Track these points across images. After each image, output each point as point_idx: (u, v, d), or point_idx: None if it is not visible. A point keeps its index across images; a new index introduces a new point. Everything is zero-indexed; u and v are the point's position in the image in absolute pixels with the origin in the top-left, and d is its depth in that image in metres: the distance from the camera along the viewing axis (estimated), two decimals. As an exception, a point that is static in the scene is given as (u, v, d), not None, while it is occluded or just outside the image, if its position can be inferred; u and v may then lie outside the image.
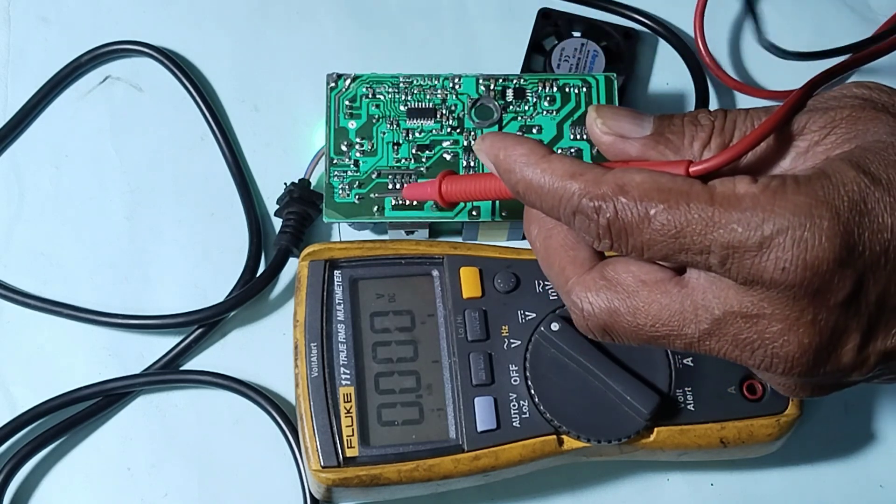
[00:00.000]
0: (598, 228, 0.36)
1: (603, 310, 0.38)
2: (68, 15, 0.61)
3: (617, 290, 0.38)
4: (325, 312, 0.49)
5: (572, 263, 0.39)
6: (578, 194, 0.36)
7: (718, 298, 0.36)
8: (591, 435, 0.47)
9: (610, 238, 0.36)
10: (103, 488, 0.52)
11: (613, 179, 0.36)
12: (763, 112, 0.37)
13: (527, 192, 0.38)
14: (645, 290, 0.37)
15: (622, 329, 0.38)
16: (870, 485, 0.53)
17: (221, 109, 0.59)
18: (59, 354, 0.54)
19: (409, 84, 0.54)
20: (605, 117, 0.38)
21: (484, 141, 0.40)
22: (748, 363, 0.37)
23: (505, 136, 0.39)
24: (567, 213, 0.37)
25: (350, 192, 0.53)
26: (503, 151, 0.39)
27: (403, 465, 0.47)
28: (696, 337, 0.37)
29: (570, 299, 0.39)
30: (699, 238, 0.35)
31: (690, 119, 0.38)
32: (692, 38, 0.60)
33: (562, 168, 0.37)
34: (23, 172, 0.58)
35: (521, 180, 0.38)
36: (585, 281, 0.38)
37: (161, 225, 0.57)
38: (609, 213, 0.36)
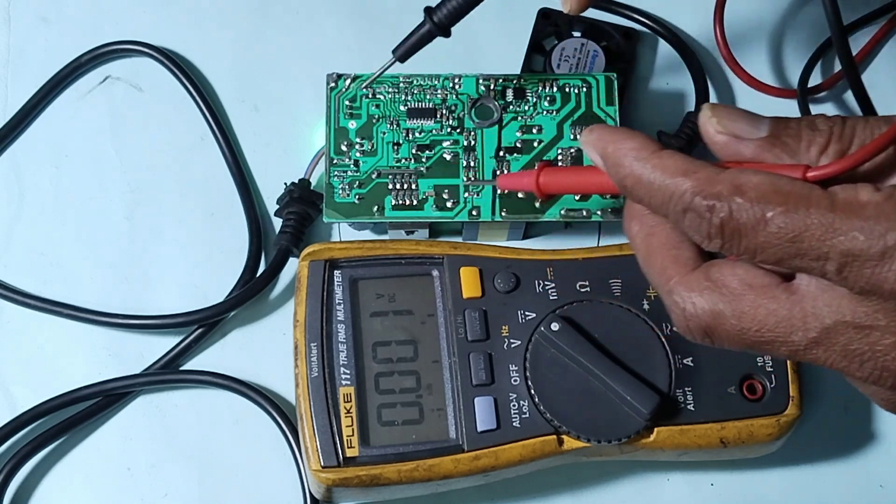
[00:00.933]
0: (709, 228, 0.35)
1: (706, 311, 0.37)
2: (68, 15, 0.61)
3: (723, 292, 0.37)
4: (325, 312, 0.49)
5: (675, 262, 0.38)
6: (691, 192, 0.35)
7: (830, 307, 0.35)
8: (591, 435, 0.47)
9: (721, 238, 0.35)
10: (103, 488, 0.52)
11: (730, 179, 0.35)
12: (883, 122, 0.37)
13: (635, 187, 0.37)
14: (752, 294, 0.36)
15: (725, 333, 0.37)
16: (870, 485, 0.53)
17: (221, 109, 0.59)
18: (59, 354, 0.54)
19: (409, 84, 0.54)
20: (721, 116, 0.37)
21: (591, 133, 0.39)
22: (855, 375, 0.36)
23: (614, 130, 0.39)
24: (677, 210, 0.36)
25: (350, 192, 0.53)
26: (612, 145, 0.38)
27: (403, 465, 0.47)
28: (803, 345, 0.36)
29: (671, 299, 0.38)
30: (817, 244, 0.34)
31: (808, 123, 0.37)
32: (692, 38, 0.60)
33: (674, 164, 0.36)
34: (23, 172, 0.58)
35: (630, 175, 0.37)
36: (689, 281, 0.37)
37: (161, 225, 0.57)
38: (723, 213, 0.35)
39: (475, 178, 0.52)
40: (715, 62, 0.60)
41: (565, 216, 0.52)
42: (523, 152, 0.53)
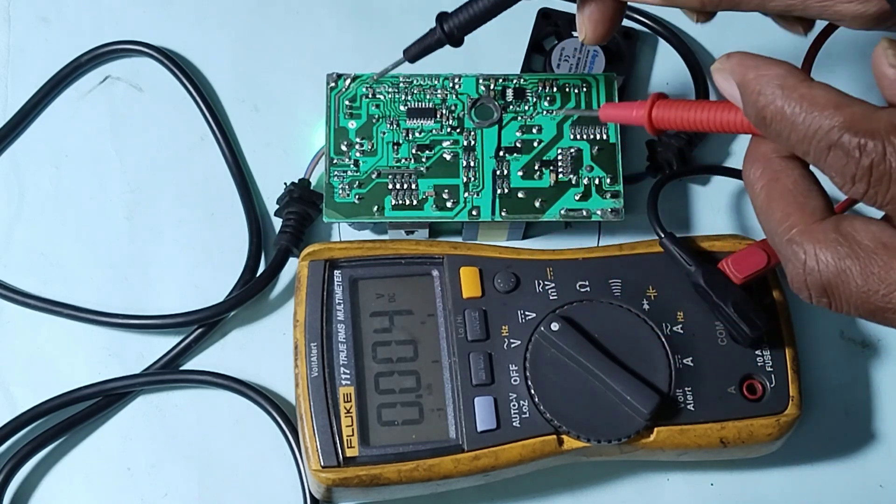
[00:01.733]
0: (856, 168, 0.32)
1: (831, 267, 0.34)
2: (68, 15, 0.61)
3: (853, 247, 0.34)
4: (325, 312, 0.49)
5: (801, 210, 0.35)
6: (840, 127, 0.33)
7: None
8: (591, 435, 0.47)
9: (867, 182, 0.32)
10: (103, 488, 0.52)
11: (888, 118, 0.32)
12: None
13: (776, 118, 0.34)
14: (885, 255, 0.34)
15: (847, 292, 0.34)
16: (870, 485, 0.53)
17: (221, 109, 0.59)
18: (59, 354, 0.54)
19: (409, 84, 0.54)
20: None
21: (730, 59, 0.36)
22: None
23: (756, 56, 0.36)
24: (821, 146, 0.33)
25: (350, 192, 0.53)
26: (754, 71, 0.35)
27: (403, 465, 0.47)
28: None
29: (790, 249, 0.35)
30: None
31: None
32: (692, 38, 0.60)
33: (825, 96, 0.33)
34: (23, 172, 0.58)
35: (773, 105, 0.34)
36: (814, 231, 0.35)
37: (161, 225, 0.57)
38: (875, 154, 0.32)
39: (564, 109, 0.49)
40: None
41: (565, 216, 0.52)
42: (523, 152, 0.53)
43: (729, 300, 0.48)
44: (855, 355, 0.54)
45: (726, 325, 0.49)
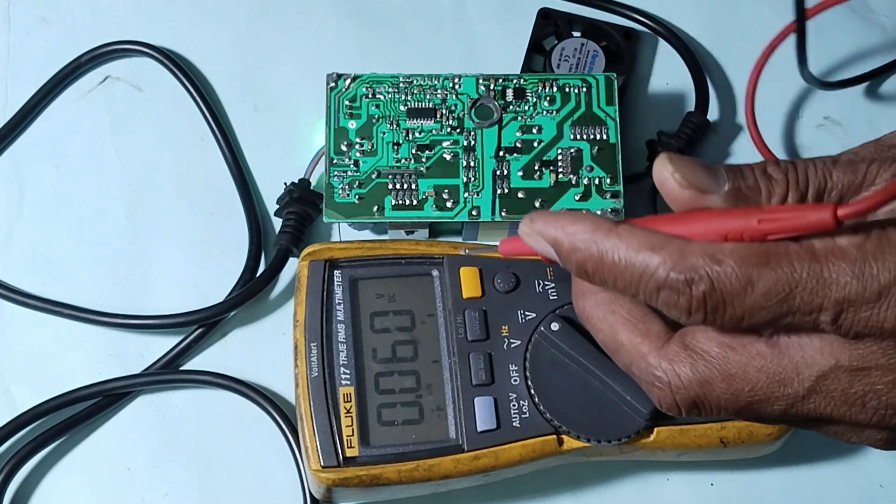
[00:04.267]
0: (689, 302, 0.34)
1: (693, 381, 0.36)
2: (68, 15, 0.61)
3: (706, 358, 0.36)
4: (325, 312, 0.49)
5: (646, 336, 0.37)
6: (664, 268, 0.34)
7: (822, 353, 0.35)
8: (591, 435, 0.47)
9: (704, 311, 0.34)
10: (103, 488, 0.52)
11: (702, 250, 0.34)
12: (830, 162, 0.36)
13: (598, 269, 0.35)
14: (735, 355, 0.35)
15: (716, 399, 0.36)
16: (870, 485, 0.53)
17: (221, 109, 0.59)
18: (59, 354, 0.54)
19: (409, 84, 0.54)
20: (683, 170, 0.35)
21: (534, 222, 0.37)
22: (857, 418, 0.35)
23: (558, 214, 0.36)
24: (649, 288, 0.34)
25: (350, 192, 0.53)
26: (562, 231, 0.36)
27: (403, 465, 0.47)
28: (801, 395, 0.35)
29: (652, 375, 0.36)
30: (809, 297, 0.33)
31: (761, 173, 0.36)
32: (692, 38, 0.60)
33: (637, 241, 0.35)
34: (23, 172, 0.58)
35: (590, 258, 0.35)
36: (667, 354, 0.36)
37: (161, 225, 0.57)
38: (704, 285, 0.33)
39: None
40: (715, 62, 0.60)
41: (565, 216, 0.52)
42: (523, 152, 0.53)
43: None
44: (855, 355, 0.54)
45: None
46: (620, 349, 0.38)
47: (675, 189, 0.35)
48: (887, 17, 0.61)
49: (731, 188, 0.35)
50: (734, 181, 0.35)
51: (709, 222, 0.35)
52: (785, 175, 0.36)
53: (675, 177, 0.35)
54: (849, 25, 0.60)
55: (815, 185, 0.36)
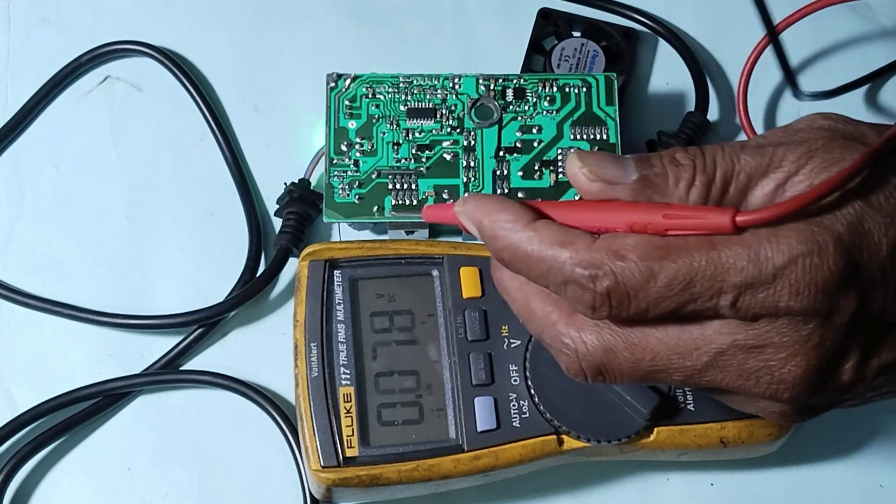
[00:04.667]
0: (594, 297, 0.36)
1: (598, 348, 0.37)
2: (68, 15, 0.61)
3: (611, 327, 0.37)
4: (325, 312, 0.49)
5: (557, 306, 0.38)
6: (570, 263, 0.36)
7: (720, 332, 0.36)
8: (591, 435, 0.47)
9: (609, 306, 0.36)
10: (103, 488, 0.52)
11: (606, 245, 0.36)
12: (739, 148, 0.37)
13: (513, 259, 0.38)
14: (640, 325, 0.37)
15: (618, 366, 0.37)
16: (870, 485, 0.53)
17: (221, 109, 0.59)
18: (59, 354, 0.54)
19: (409, 84, 0.54)
20: (591, 165, 0.37)
21: (466, 203, 0.39)
22: (751, 391, 0.37)
23: (488, 200, 0.38)
24: (557, 282, 0.36)
25: (350, 192, 0.53)
26: (487, 217, 0.38)
27: (403, 465, 0.47)
28: (699, 368, 0.37)
29: (560, 342, 0.38)
30: (709, 283, 0.35)
31: (669, 160, 0.37)
32: (692, 38, 0.60)
33: (550, 236, 0.37)
34: (23, 172, 0.58)
35: (507, 248, 0.37)
36: (575, 321, 0.38)
37: (161, 225, 0.57)
38: (608, 280, 0.35)
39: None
40: (715, 62, 0.60)
41: (565, 216, 0.52)
42: (523, 152, 0.53)
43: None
44: (855, 355, 0.54)
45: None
46: (533, 317, 0.39)
47: (585, 183, 0.37)
48: (887, 17, 0.61)
49: (638, 177, 0.37)
50: (642, 170, 0.37)
51: (616, 212, 0.36)
52: (692, 161, 0.37)
53: (582, 172, 0.37)
54: (849, 25, 0.60)
55: (723, 169, 0.37)
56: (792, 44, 0.59)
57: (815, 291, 0.34)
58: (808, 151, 0.36)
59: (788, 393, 0.36)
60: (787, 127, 0.39)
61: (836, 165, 0.36)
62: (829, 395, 0.37)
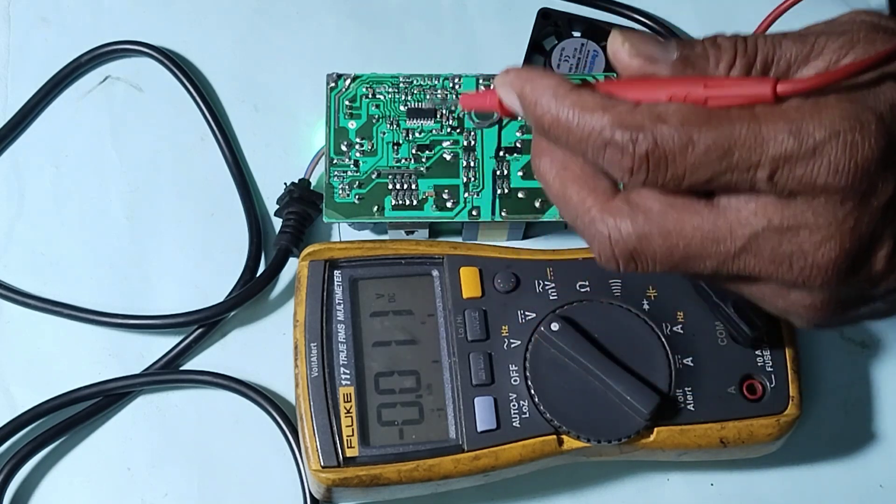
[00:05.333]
0: (633, 160, 0.35)
1: (632, 234, 0.37)
2: (68, 15, 0.61)
3: (647, 213, 0.37)
4: (325, 312, 0.49)
5: (593, 192, 0.38)
6: (611, 125, 0.35)
7: (756, 214, 0.36)
8: (591, 435, 0.47)
9: (647, 170, 0.35)
10: (103, 488, 0.52)
11: (648, 110, 0.35)
12: (781, 36, 0.37)
13: (553, 125, 0.37)
14: (675, 212, 0.37)
15: (652, 252, 0.37)
16: (870, 485, 0.53)
17: (221, 109, 0.59)
18: (59, 354, 0.54)
19: (409, 84, 0.54)
20: (632, 41, 0.37)
21: (508, 74, 0.39)
22: (784, 277, 0.36)
23: (531, 70, 0.38)
24: (597, 146, 0.36)
25: (350, 192, 0.53)
26: (529, 84, 0.38)
27: (403, 465, 0.47)
28: (732, 253, 0.36)
29: (594, 228, 0.38)
30: (748, 153, 0.35)
31: (710, 43, 0.37)
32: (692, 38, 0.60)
33: (592, 100, 0.36)
34: (23, 172, 0.58)
35: (548, 113, 0.37)
36: (611, 208, 0.37)
37: (161, 225, 0.57)
38: (648, 143, 0.35)
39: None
40: (715, 62, 0.60)
41: (565, 216, 0.52)
42: (523, 152, 0.53)
43: (729, 300, 0.48)
44: (855, 355, 0.54)
45: (726, 324, 0.49)
46: (569, 203, 0.39)
47: (626, 59, 0.37)
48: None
49: (679, 56, 0.37)
50: (682, 50, 0.37)
51: (656, 85, 0.37)
52: (733, 44, 0.37)
53: (624, 47, 0.37)
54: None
55: (764, 54, 0.37)
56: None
57: (855, 169, 0.34)
58: (850, 42, 0.36)
59: (821, 278, 0.36)
60: (831, 20, 0.38)
61: None
62: (860, 286, 0.37)
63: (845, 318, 0.39)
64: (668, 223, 0.37)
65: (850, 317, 0.39)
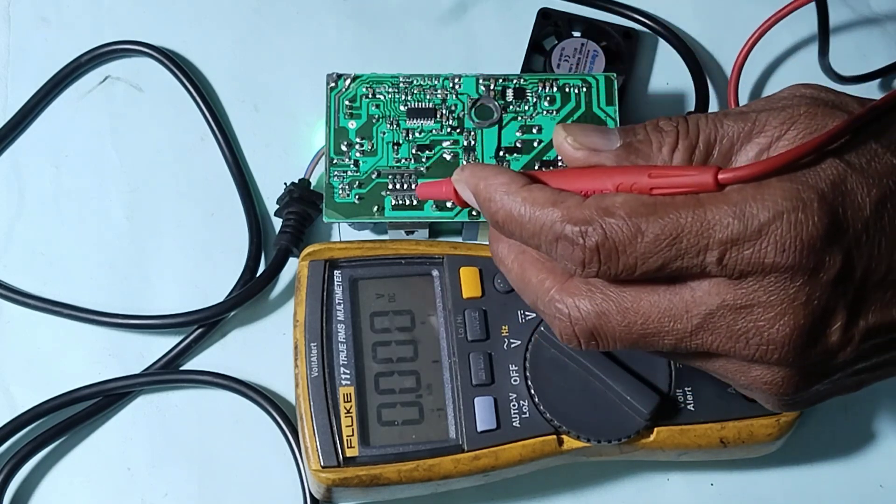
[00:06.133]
0: (583, 253, 0.36)
1: (591, 312, 0.38)
2: (68, 15, 0.61)
3: (605, 292, 0.38)
4: (325, 312, 0.49)
5: (552, 273, 0.39)
6: (561, 220, 0.37)
7: (710, 294, 0.37)
8: (591, 435, 0.47)
9: (598, 262, 0.36)
10: (103, 488, 0.52)
11: (595, 203, 0.37)
12: (722, 115, 0.38)
13: (507, 221, 0.39)
14: (633, 291, 0.38)
15: (611, 330, 0.38)
16: (870, 485, 0.53)
17: (221, 109, 0.59)
18: (59, 354, 0.54)
19: (409, 84, 0.54)
20: (575, 134, 0.39)
21: (464, 171, 0.40)
22: (741, 353, 0.37)
23: (485, 167, 0.40)
24: (549, 240, 0.37)
25: (350, 192, 0.53)
26: (483, 182, 0.39)
27: (403, 465, 0.47)
28: (689, 330, 0.37)
29: (554, 307, 0.39)
30: (696, 239, 0.35)
31: (653, 127, 0.38)
32: (692, 38, 0.60)
33: (542, 196, 0.38)
34: (23, 172, 0.58)
35: (501, 209, 0.39)
36: (569, 287, 0.39)
37: (161, 225, 0.57)
38: (597, 236, 0.36)
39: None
40: (714, 62, 0.60)
41: (565, 216, 0.52)
42: (523, 152, 0.53)
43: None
44: (855, 355, 0.54)
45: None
46: (528, 285, 0.40)
47: (570, 151, 0.39)
48: (888, 17, 0.61)
49: (622, 144, 0.38)
50: (625, 137, 0.38)
51: (603, 175, 0.38)
52: (675, 127, 0.38)
53: (567, 141, 0.39)
54: (848, 25, 0.60)
55: (706, 134, 0.38)
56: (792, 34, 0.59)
57: (801, 247, 0.35)
58: (791, 117, 0.37)
59: (778, 354, 0.37)
60: (771, 96, 0.39)
61: (818, 131, 0.37)
62: (818, 360, 0.37)
63: (812, 396, 0.40)
64: (625, 301, 0.38)
65: (816, 393, 0.40)
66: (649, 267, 0.36)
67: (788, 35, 0.60)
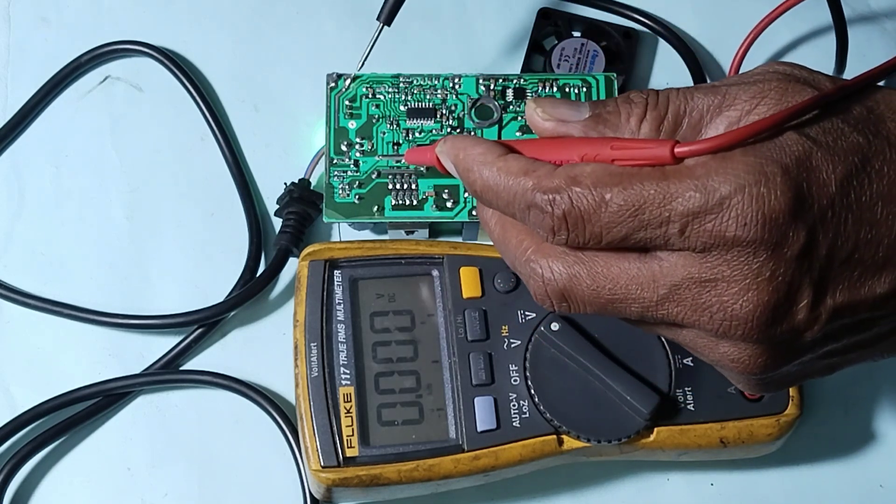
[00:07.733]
0: (552, 220, 0.37)
1: (563, 274, 0.38)
2: (68, 15, 0.61)
3: (578, 255, 0.38)
4: (325, 312, 0.49)
5: (531, 235, 0.40)
6: (532, 189, 0.37)
7: (677, 266, 0.37)
8: (591, 435, 0.47)
9: (566, 229, 0.37)
10: (103, 488, 0.52)
11: (564, 173, 0.37)
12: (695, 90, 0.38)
13: (483, 190, 0.39)
14: (604, 256, 0.38)
15: (581, 293, 0.38)
16: (870, 485, 0.53)
17: (221, 109, 0.59)
18: (59, 354, 0.54)
19: (409, 84, 0.54)
20: (544, 106, 0.39)
21: (445, 143, 0.41)
22: (706, 327, 0.37)
23: (465, 138, 0.41)
24: (521, 208, 0.38)
25: (350, 192, 0.53)
26: (462, 152, 0.40)
27: (403, 465, 0.47)
28: (655, 301, 0.37)
29: (529, 267, 0.39)
30: (658, 210, 0.36)
31: (623, 99, 0.39)
32: (692, 38, 0.60)
33: (516, 166, 0.38)
34: (23, 172, 0.58)
35: (478, 179, 0.39)
36: (545, 249, 0.39)
37: (161, 225, 0.57)
38: (564, 204, 0.37)
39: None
40: (714, 61, 0.60)
41: (565, 216, 0.52)
42: (523, 152, 0.53)
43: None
44: (855, 355, 0.54)
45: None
46: (508, 245, 0.41)
47: (539, 122, 0.40)
48: (887, 17, 0.61)
49: (591, 115, 0.39)
50: (594, 109, 0.39)
51: (570, 144, 0.38)
52: (645, 99, 0.38)
53: (537, 112, 0.39)
54: (848, 24, 0.60)
55: (675, 106, 0.38)
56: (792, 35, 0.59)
57: (763, 221, 0.35)
58: (762, 91, 0.37)
59: (742, 329, 0.37)
60: (744, 73, 0.39)
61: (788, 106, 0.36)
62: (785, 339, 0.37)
63: (782, 378, 0.40)
64: (596, 266, 0.38)
65: (786, 374, 0.39)
66: (614, 236, 0.37)
67: (787, 32, 0.60)
